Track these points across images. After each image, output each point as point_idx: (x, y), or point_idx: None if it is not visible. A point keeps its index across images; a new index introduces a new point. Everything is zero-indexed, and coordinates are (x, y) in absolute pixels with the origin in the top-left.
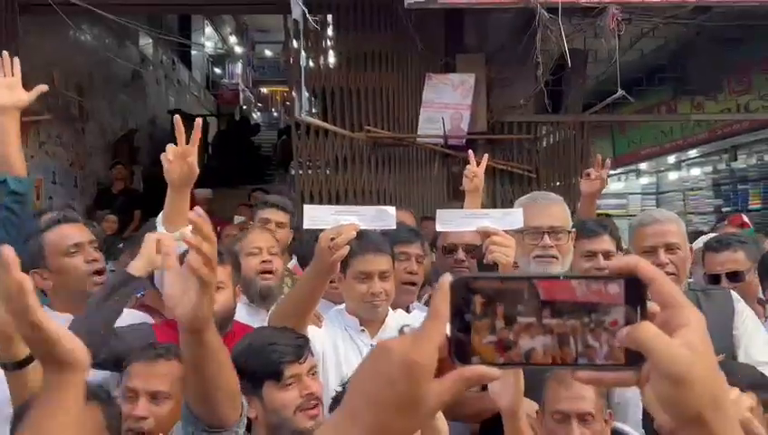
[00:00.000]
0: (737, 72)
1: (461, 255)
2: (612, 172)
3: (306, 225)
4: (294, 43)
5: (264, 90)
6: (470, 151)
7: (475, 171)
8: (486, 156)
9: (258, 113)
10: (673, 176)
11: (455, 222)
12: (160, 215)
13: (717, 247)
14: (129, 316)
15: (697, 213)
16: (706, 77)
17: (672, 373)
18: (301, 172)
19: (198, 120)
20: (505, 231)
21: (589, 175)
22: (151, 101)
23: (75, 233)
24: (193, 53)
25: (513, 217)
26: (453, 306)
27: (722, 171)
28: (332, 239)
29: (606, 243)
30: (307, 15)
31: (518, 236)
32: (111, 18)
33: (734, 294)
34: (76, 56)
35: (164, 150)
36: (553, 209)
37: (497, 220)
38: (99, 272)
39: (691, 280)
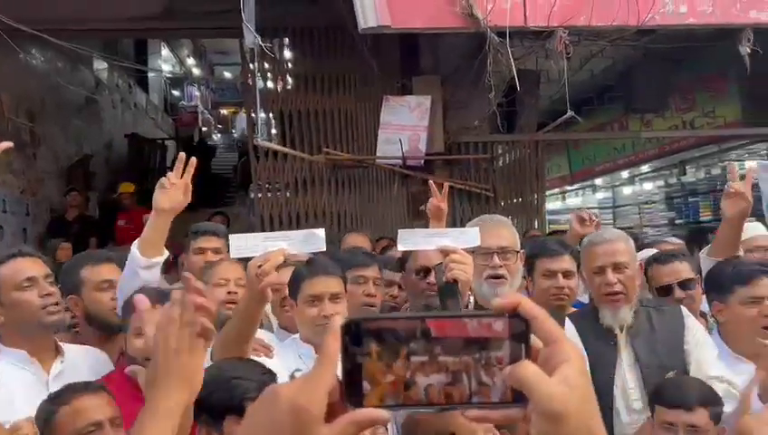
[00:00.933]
0: (682, 91)
1: (433, 278)
2: (569, 188)
3: (233, 254)
4: (251, 66)
5: (224, 111)
6: (431, 183)
7: (438, 205)
8: (447, 184)
9: (218, 135)
10: (627, 190)
11: (415, 242)
12: (137, 241)
13: (665, 259)
14: (84, 354)
15: (652, 225)
16: (653, 96)
17: (549, 411)
18: (260, 195)
19: (193, 159)
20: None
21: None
22: (107, 125)
23: (29, 267)
24: (150, 75)
25: (470, 236)
26: (344, 348)
27: (673, 185)
28: (260, 266)
29: (566, 262)
30: (260, 42)
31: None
32: (65, 45)
33: (684, 309)
34: (27, 81)
35: (120, 176)
36: (502, 231)
37: (455, 239)
38: (55, 305)
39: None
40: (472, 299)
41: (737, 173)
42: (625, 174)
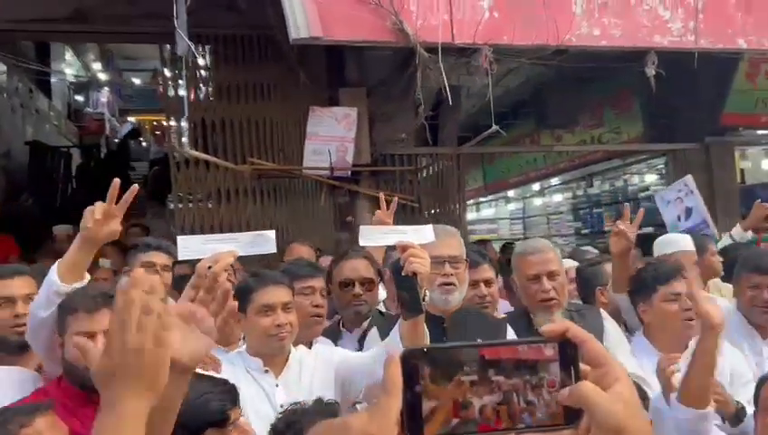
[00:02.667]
0: (591, 108)
1: (358, 289)
2: (483, 199)
3: (181, 256)
4: (168, 72)
5: (132, 118)
6: (381, 195)
7: (384, 218)
8: (396, 199)
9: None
10: (537, 202)
11: (375, 237)
12: (55, 265)
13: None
14: (16, 374)
15: (560, 235)
16: (564, 112)
17: (612, 426)
18: (180, 206)
19: (134, 186)
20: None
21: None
22: (5, 132)
23: None
24: (53, 80)
25: (425, 233)
26: (403, 379)
27: (579, 196)
28: (209, 268)
29: (486, 271)
30: (193, 50)
31: None
32: None
33: (603, 312)
34: None
35: (20, 185)
36: (452, 241)
37: (412, 235)
38: None
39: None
40: (428, 294)
41: (629, 215)
42: (536, 186)
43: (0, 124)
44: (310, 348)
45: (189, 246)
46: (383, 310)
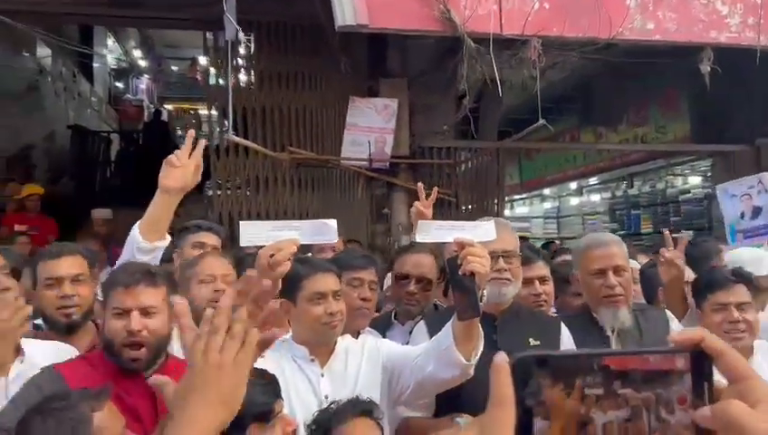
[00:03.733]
0: (636, 106)
1: (413, 286)
2: (517, 197)
3: (243, 242)
4: (203, 61)
5: (170, 106)
6: (420, 186)
7: (423, 210)
8: (435, 189)
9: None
10: (574, 201)
11: (433, 233)
12: (138, 223)
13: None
14: (47, 346)
15: None
16: (608, 109)
17: None
18: (219, 193)
19: (202, 140)
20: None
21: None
22: (49, 115)
23: None
24: (95, 65)
25: (486, 230)
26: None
27: (618, 197)
28: (272, 256)
29: (541, 268)
30: (241, 35)
31: None
32: (8, 23)
33: (668, 312)
34: None
35: (63, 167)
36: (506, 234)
37: (471, 232)
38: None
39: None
40: (486, 294)
41: (670, 240)
42: (573, 185)
43: (44, 107)
44: (356, 338)
45: (252, 232)
46: (437, 302)
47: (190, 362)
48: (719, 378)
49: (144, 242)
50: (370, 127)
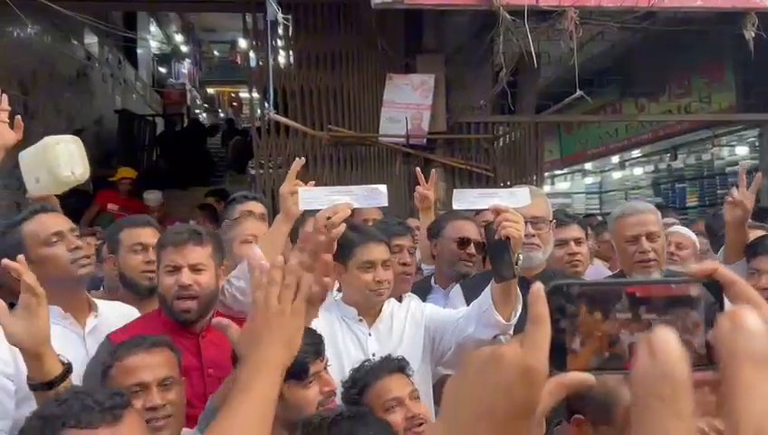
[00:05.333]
0: (678, 76)
1: (473, 250)
2: (558, 172)
3: (302, 206)
4: (243, 43)
5: (210, 90)
6: (417, 170)
7: (426, 194)
8: (435, 172)
9: (203, 114)
10: (616, 175)
11: (469, 201)
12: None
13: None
14: (113, 307)
15: None
16: (650, 80)
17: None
18: (261, 172)
19: (301, 160)
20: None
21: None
22: (97, 100)
23: (54, 221)
24: (139, 51)
25: (520, 196)
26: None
27: (662, 171)
28: (329, 218)
29: (575, 231)
30: (279, 16)
31: None
32: (57, 9)
33: None
34: (18, 54)
35: (110, 152)
36: (535, 201)
37: (506, 199)
38: (86, 257)
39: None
40: (521, 257)
41: (745, 179)
42: (615, 159)
43: (93, 92)
44: (400, 302)
45: (310, 197)
46: None
47: (254, 311)
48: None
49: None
50: (407, 103)
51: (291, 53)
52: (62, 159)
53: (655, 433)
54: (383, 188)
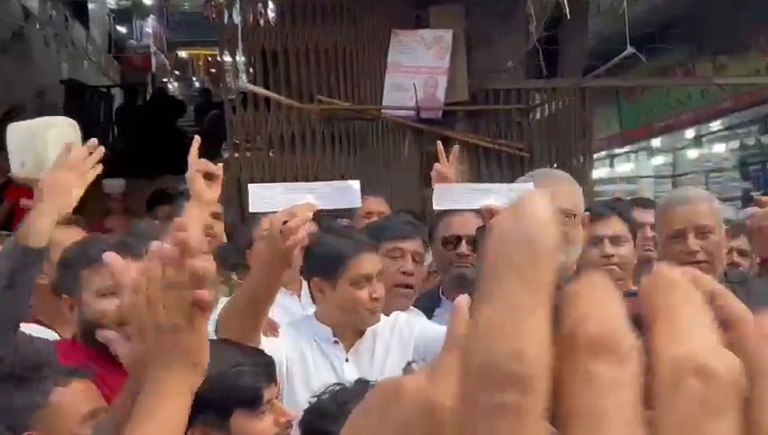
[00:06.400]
0: (766, 28)
1: (464, 248)
2: (618, 151)
3: (253, 208)
4: None
5: (182, 53)
6: (438, 144)
7: (445, 173)
8: (456, 149)
9: (173, 84)
10: (692, 154)
11: (454, 199)
12: None
13: None
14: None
15: (722, 198)
16: (730, 33)
17: None
18: (237, 155)
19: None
20: None
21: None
22: (38, 68)
23: None
24: (90, 7)
25: (522, 192)
26: None
27: (750, 147)
28: (285, 223)
29: (614, 225)
30: None
31: None
32: None
33: None
34: None
35: None
36: (561, 188)
37: (504, 196)
38: None
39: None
40: None
41: None
42: (690, 133)
43: (33, 58)
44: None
45: (262, 197)
46: None
47: (137, 326)
48: None
49: None
50: (418, 66)
51: (271, 3)
52: (53, 146)
53: (494, 300)
54: (355, 184)
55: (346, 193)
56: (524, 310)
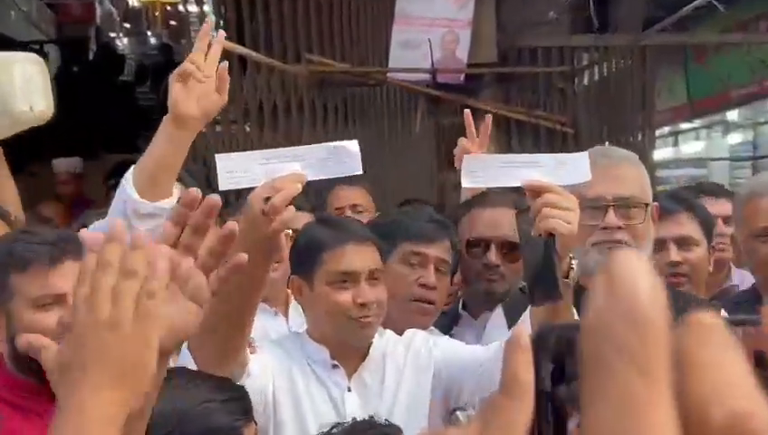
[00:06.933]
0: None
1: (493, 256)
2: (686, 126)
3: (222, 184)
4: None
5: (135, 1)
6: (467, 112)
7: (473, 151)
8: (489, 118)
9: (123, 39)
10: None
11: (488, 174)
12: (131, 172)
13: None
14: None
15: None
16: None
17: None
18: (205, 130)
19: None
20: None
21: None
22: None
23: None
24: None
25: (575, 166)
26: (536, 370)
27: None
28: (268, 199)
29: (683, 224)
30: None
31: None
32: None
33: None
34: None
35: None
36: (623, 171)
37: (550, 170)
38: None
39: None
40: (575, 267)
41: None
42: None
43: None
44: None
45: (234, 170)
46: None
47: (72, 321)
48: None
49: (143, 202)
50: (433, 18)
51: None
52: (19, 86)
53: (609, 397)
54: (353, 146)
55: (343, 157)
56: (644, 405)
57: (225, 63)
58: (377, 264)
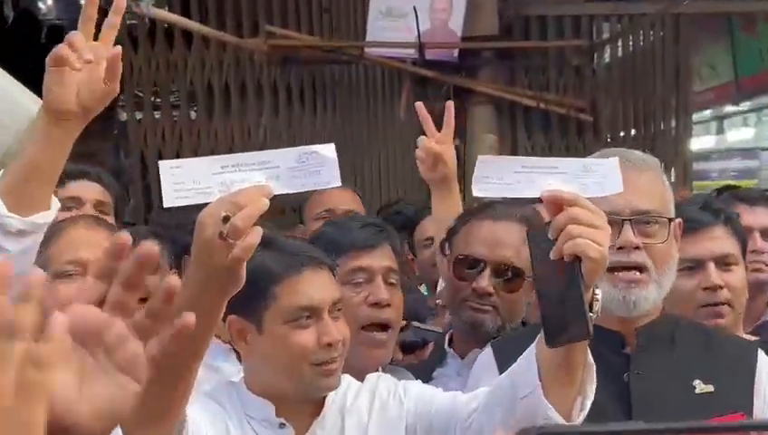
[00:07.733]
0: None
1: (485, 281)
2: (732, 109)
3: (168, 201)
4: None
5: None
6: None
7: (434, 150)
8: (451, 105)
9: (49, 1)
10: None
11: (501, 181)
12: None
13: None
14: None
15: None
16: None
17: None
18: (140, 116)
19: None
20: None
21: None
22: None
23: None
24: None
25: (604, 173)
26: None
27: None
28: (226, 219)
29: (718, 241)
30: None
31: None
32: None
33: None
34: None
35: None
36: (643, 180)
37: (574, 178)
38: None
39: None
40: (599, 296)
41: None
42: None
43: None
44: (361, 380)
45: (182, 181)
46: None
47: None
48: None
49: (12, 216)
50: None
51: None
52: None
53: None
54: (330, 150)
55: (317, 165)
56: None
57: (119, 48)
58: (337, 292)
